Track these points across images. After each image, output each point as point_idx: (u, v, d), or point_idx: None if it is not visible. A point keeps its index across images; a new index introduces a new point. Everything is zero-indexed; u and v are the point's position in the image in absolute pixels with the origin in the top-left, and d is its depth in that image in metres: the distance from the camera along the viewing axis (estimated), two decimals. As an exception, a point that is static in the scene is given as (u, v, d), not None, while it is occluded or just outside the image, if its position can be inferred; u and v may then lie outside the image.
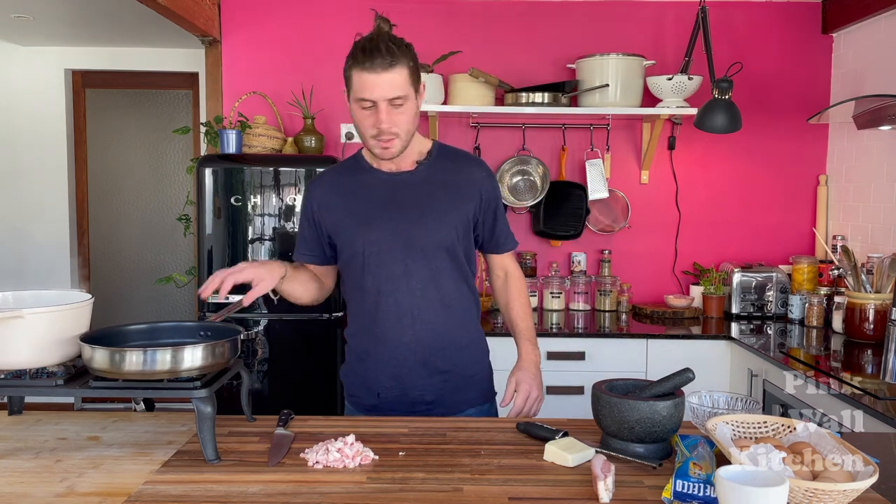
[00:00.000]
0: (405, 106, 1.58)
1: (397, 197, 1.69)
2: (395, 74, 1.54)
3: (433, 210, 1.68)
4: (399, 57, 1.54)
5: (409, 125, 1.62)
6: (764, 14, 3.45)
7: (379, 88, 1.54)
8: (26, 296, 1.43)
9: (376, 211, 1.68)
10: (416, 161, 1.72)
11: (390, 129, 1.58)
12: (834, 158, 3.44)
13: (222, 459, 1.31)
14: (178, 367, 1.27)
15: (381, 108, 1.56)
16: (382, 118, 1.56)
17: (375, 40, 1.55)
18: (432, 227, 1.67)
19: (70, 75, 4.55)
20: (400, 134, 1.61)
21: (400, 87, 1.55)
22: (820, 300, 2.98)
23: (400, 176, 1.71)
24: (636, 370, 2.91)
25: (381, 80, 1.53)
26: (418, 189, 1.69)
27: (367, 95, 1.55)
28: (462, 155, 1.80)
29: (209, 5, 3.33)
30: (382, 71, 1.53)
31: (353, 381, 1.77)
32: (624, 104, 3.20)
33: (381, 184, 1.71)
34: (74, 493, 1.18)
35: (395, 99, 1.56)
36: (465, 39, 3.41)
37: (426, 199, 1.69)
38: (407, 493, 1.18)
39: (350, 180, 1.74)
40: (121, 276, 4.80)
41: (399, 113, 1.58)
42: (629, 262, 3.53)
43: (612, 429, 1.33)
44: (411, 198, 1.69)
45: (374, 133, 1.59)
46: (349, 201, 1.71)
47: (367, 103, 1.56)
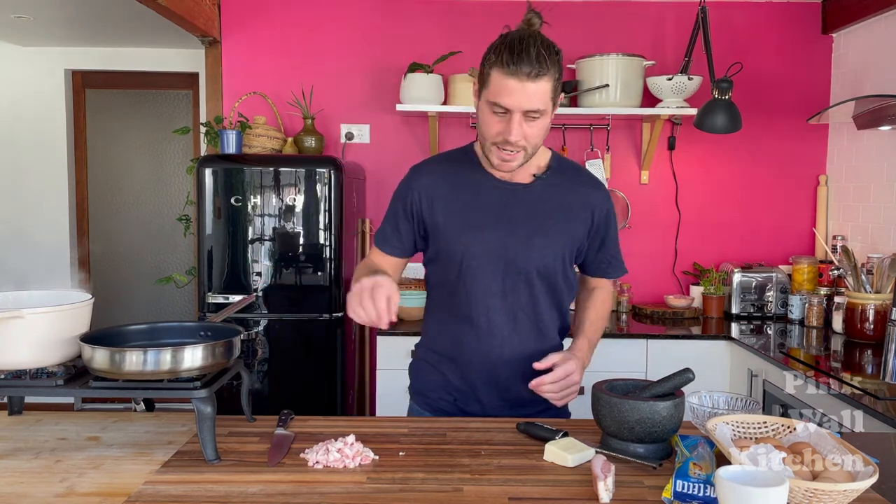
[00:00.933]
0: (540, 120, 1.44)
1: (509, 210, 1.56)
2: (540, 86, 1.39)
3: (544, 231, 1.56)
4: (548, 67, 1.39)
5: (538, 140, 1.48)
6: (764, 14, 3.45)
7: (518, 98, 1.40)
8: (26, 296, 1.43)
9: (485, 220, 1.55)
10: (532, 174, 1.58)
11: (518, 142, 1.44)
12: (834, 158, 3.44)
13: (222, 459, 1.31)
14: (178, 367, 1.27)
15: (515, 118, 1.42)
16: (514, 129, 1.42)
17: (527, 42, 1.39)
18: (539, 249, 1.56)
19: (70, 75, 4.55)
20: (527, 148, 1.47)
21: (540, 101, 1.41)
22: (820, 300, 2.98)
23: (514, 187, 1.57)
24: (636, 370, 2.91)
25: (524, 89, 1.39)
26: (532, 206, 1.57)
27: (503, 102, 1.41)
28: (581, 172, 1.67)
29: (209, 5, 3.33)
30: (527, 80, 1.38)
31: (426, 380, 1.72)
32: (624, 104, 3.20)
33: (494, 191, 1.57)
34: (74, 494, 1.18)
35: (532, 112, 1.42)
36: (465, 39, 3.41)
37: (539, 218, 1.57)
38: (407, 493, 1.18)
39: (462, 176, 1.59)
40: (121, 276, 4.79)
41: (532, 126, 1.44)
42: (629, 262, 3.45)
43: (612, 429, 1.33)
44: (523, 214, 1.56)
45: (499, 141, 1.46)
46: (457, 200, 1.57)
47: (500, 109, 1.42)
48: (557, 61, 1.43)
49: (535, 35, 1.42)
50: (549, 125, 1.49)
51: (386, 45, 3.46)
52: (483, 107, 1.47)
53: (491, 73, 1.42)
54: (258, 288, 3.00)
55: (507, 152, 1.47)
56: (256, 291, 3.00)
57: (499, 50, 1.41)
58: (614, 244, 1.69)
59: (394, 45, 3.45)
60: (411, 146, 3.49)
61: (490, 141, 1.48)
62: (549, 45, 1.42)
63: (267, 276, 3.01)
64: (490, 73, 1.42)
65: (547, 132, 1.50)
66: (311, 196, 2.98)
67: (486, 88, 1.44)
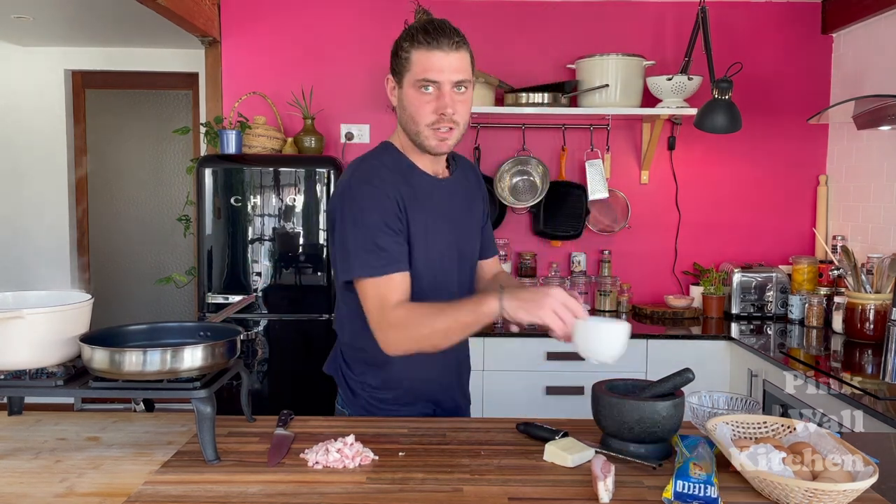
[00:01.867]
0: (466, 94, 1.48)
1: (447, 204, 1.59)
2: (462, 56, 1.46)
3: (471, 217, 1.67)
4: (465, 40, 1.47)
5: (467, 115, 1.51)
6: (764, 14, 3.45)
7: (446, 69, 1.43)
8: (26, 296, 1.43)
9: (439, 220, 1.56)
10: (446, 167, 1.63)
11: (452, 116, 1.47)
12: (834, 158, 3.44)
13: (222, 460, 1.31)
14: (178, 367, 1.27)
15: (446, 91, 1.45)
16: (447, 101, 1.45)
17: (436, 22, 1.47)
18: (473, 237, 1.66)
19: (70, 75, 4.55)
20: (459, 124, 1.49)
21: (465, 71, 1.46)
22: (820, 300, 2.98)
23: (444, 182, 1.60)
24: (636, 370, 2.91)
25: (450, 59, 1.44)
26: (458, 197, 1.63)
27: (432, 76, 1.44)
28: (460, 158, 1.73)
29: (209, 5, 3.33)
30: (451, 50, 1.44)
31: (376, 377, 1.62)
32: (624, 104, 3.20)
33: (435, 189, 1.57)
34: (74, 494, 1.18)
35: (460, 83, 1.46)
36: (464, 39, 3.40)
37: (464, 207, 1.64)
38: (407, 494, 1.18)
39: (409, 179, 1.53)
40: (121, 276, 4.79)
41: (461, 101, 1.47)
42: (629, 263, 3.52)
43: (612, 429, 1.33)
44: (458, 206, 1.62)
45: (433, 121, 1.46)
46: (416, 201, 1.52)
47: (430, 86, 1.45)
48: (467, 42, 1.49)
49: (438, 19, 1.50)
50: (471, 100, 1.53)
51: (386, 45, 3.40)
52: (409, 94, 1.48)
53: (411, 55, 1.46)
54: (258, 288, 3.00)
55: (442, 131, 1.48)
56: (256, 291, 3.00)
57: (412, 35, 1.47)
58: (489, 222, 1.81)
59: (394, 45, 3.44)
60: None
61: (424, 124, 1.48)
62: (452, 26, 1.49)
63: (267, 276, 3.01)
64: (410, 57, 1.46)
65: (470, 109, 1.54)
66: (310, 196, 2.98)
67: (410, 72, 1.47)
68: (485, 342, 2.92)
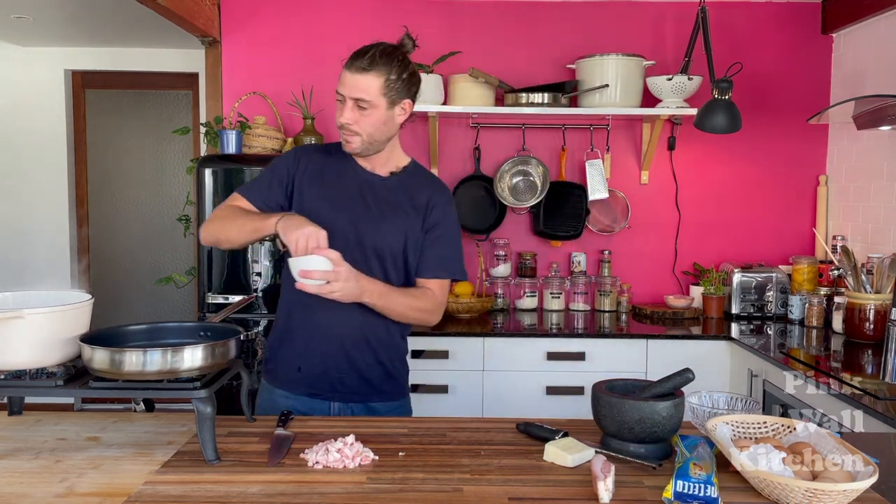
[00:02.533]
0: (369, 111, 1.68)
1: (366, 195, 1.78)
2: (366, 79, 1.66)
3: (390, 218, 1.76)
4: (379, 66, 1.66)
5: (371, 129, 1.70)
6: (764, 14, 3.45)
7: (349, 87, 1.67)
8: (27, 296, 1.43)
9: (342, 200, 1.76)
10: (391, 171, 1.81)
11: (350, 126, 1.69)
12: (834, 158, 3.44)
13: (222, 460, 1.31)
14: (178, 367, 1.27)
15: (347, 104, 1.68)
16: (345, 112, 1.69)
17: (370, 47, 1.69)
18: (383, 232, 1.74)
19: (70, 76, 4.55)
20: (361, 134, 1.70)
21: (366, 92, 1.66)
22: (820, 300, 2.98)
23: (373, 178, 1.80)
24: (636, 370, 2.91)
25: (352, 79, 1.67)
26: (384, 196, 1.78)
27: (339, 90, 1.70)
28: (432, 179, 1.88)
29: (209, 5, 3.33)
30: (356, 72, 1.66)
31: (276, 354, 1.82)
32: (624, 104, 3.20)
33: (357, 178, 1.79)
34: (74, 494, 1.18)
35: (359, 100, 1.67)
36: (465, 39, 3.41)
37: (387, 206, 1.77)
38: (407, 494, 1.18)
39: (334, 163, 1.81)
40: (121, 276, 4.79)
41: (362, 115, 1.68)
42: (629, 263, 3.52)
43: (612, 429, 1.33)
44: (377, 200, 1.77)
45: (339, 125, 1.72)
46: (327, 182, 1.79)
47: (339, 97, 1.70)
48: (396, 66, 1.68)
49: (384, 45, 1.70)
50: (386, 121, 1.71)
51: (386, 45, 3.45)
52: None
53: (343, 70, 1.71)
54: (258, 288, 3.00)
55: (345, 133, 1.71)
56: (256, 291, 3.00)
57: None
58: (450, 244, 1.82)
59: (394, 45, 3.45)
60: (411, 146, 3.49)
61: (338, 125, 1.73)
62: (390, 53, 1.68)
63: (267, 276, 3.01)
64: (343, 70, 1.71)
65: (387, 127, 1.73)
66: (311, 196, 2.98)
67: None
68: (485, 342, 2.92)
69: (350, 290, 1.59)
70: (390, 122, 1.73)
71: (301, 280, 1.54)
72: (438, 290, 1.80)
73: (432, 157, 3.42)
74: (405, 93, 1.72)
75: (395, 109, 1.72)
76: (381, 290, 1.69)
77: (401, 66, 1.69)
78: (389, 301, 1.70)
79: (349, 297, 1.60)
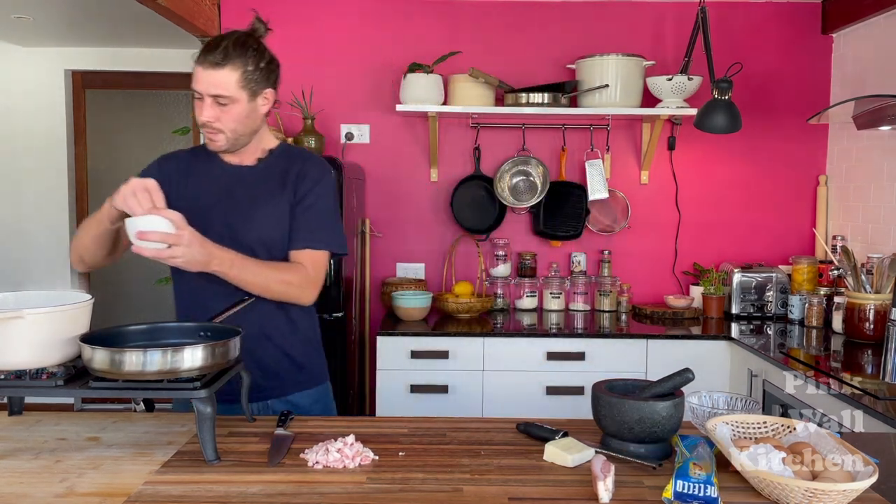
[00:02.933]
0: (230, 107, 1.62)
1: (233, 189, 1.72)
2: (223, 74, 1.60)
3: (263, 205, 1.70)
4: (234, 59, 1.60)
5: (235, 125, 1.65)
6: (764, 14, 3.45)
7: (204, 84, 1.61)
8: (27, 296, 1.43)
9: (211, 199, 1.70)
10: (258, 158, 1.76)
11: (212, 124, 1.64)
12: (834, 158, 3.44)
13: (222, 460, 1.31)
14: (178, 367, 1.27)
15: (206, 102, 1.62)
16: (203, 111, 1.63)
17: (220, 38, 1.63)
18: (258, 221, 1.68)
19: (70, 76, 4.55)
20: (224, 131, 1.65)
21: (224, 88, 1.60)
22: (820, 300, 2.98)
23: (240, 169, 1.75)
24: (636, 370, 2.91)
25: (207, 75, 1.61)
26: (254, 184, 1.73)
27: (195, 87, 1.63)
28: (303, 154, 1.81)
29: (209, 6, 3.33)
30: (210, 68, 1.60)
31: None
32: (624, 104, 3.20)
33: (223, 174, 1.74)
34: (74, 494, 1.18)
35: (218, 97, 1.61)
36: (465, 39, 3.41)
37: (259, 194, 1.71)
38: (407, 494, 1.18)
39: (198, 165, 1.76)
40: (121, 276, 4.79)
41: (224, 111, 1.63)
42: (629, 263, 3.52)
43: (612, 429, 1.33)
44: (246, 192, 1.72)
45: (200, 123, 1.66)
46: (191, 184, 1.73)
47: (197, 94, 1.64)
48: (252, 56, 1.62)
49: (236, 34, 1.64)
50: (249, 114, 1.66)
51: (386, 46, 3.46)
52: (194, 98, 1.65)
53: (194, 65, 1.64)
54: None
55: (209, 133, 1.66)
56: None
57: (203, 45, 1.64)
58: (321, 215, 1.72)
59: (394, 45, 3.45)
60: (411, 146, 3.49)
61: (199, 124, 1.67)
62: (243, 43, 1.63)
63: (267, 276, 3.00)
64: (194, 66, 1.64)
65: (251, 120, 1.67)
66: (310, 196, 2.98)
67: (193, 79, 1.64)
68: (485, 342, 2.92)
69: (194, 256, 1.47)
70: (253, 114, 1.67)
71: (138, 243, 1.42)
72: (309, 263, 1.68)
73: (432, 157, 3.42)
74: (265, 82, 1.66)
75: (258, 100, 1.67)
76: (233, 258, 1.56)
77: (257, 54, 1.64)
78: (244, 272, 1.57)
79: (194, 264, 1.49)
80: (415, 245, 3.54)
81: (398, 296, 3.15)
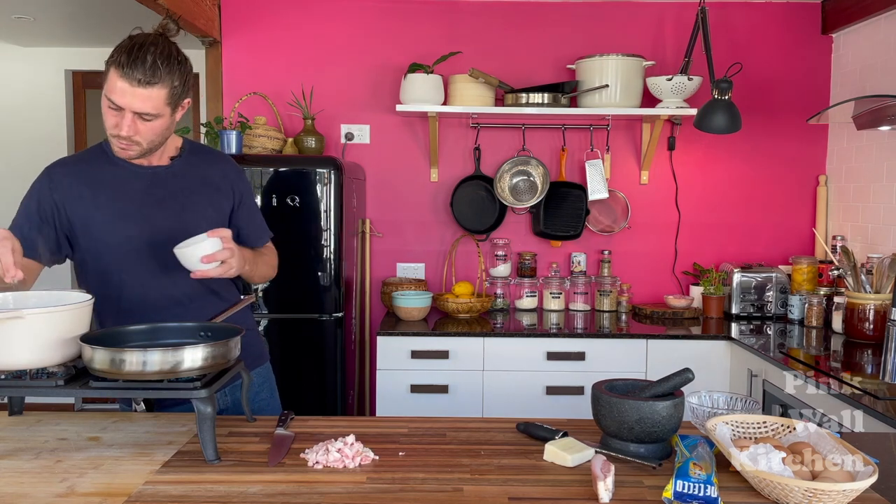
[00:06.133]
0: (154, 122, 1.55)
1: (153, 193, 1.66)
2: (151, 92, 1.50)
3: (192, 206, 1.68)
4: (163, 77, 1.50)
5: (154, 137, 1.59)
6: (764, 14, 3.45)
7: (130, 100, 1.50)
8: (26, 296, 1.43)
9: (132, 208, 1.63)
10: (170, 157, 1.70)
11: (131, 138, 1.55)
12: (834, 158, 3.44)
13: (222, 459, 1.31)
14: (178, 367, 1.27)
15: (127, 116, 1.52)
16: (124, 126, 1.53)
17: (146, 49, 1.49)
18: (191, 224, 1.63)
19: (70, 76, 4.55)
20: (142, 143, 1.58)
21: (151, 106, 1.52)
22: (820, 300, 2.98)
23: (155, 170, 1.68)
24: (636, 370, 2.91)
25: (135, 93, 1.49)
26: (175, 185, 1.68)
27: (116, 100, 1.51)
28: (213, 151, 1.85)
29: (209, 6, 3.33)
30: (138, 86, 1.49)
31: None
32: (624, 105, 3.20)
33: (136, 178, 1.65)
34: (75, 494, 1.18)
35: (144, 114, 1.53)
36: (465, 39, 3.41)
37: (184, 194, 1.68)
38: (407, 493, 1.18)
39: (99, 172, 1.65)
40: (121, 276, 4.79)
41: (145, 125, 1.55)
42: (629, 263, 3.53)
43: (611, 429, 1.33)
44: (168, 194, 1.67)
45: (115, 133, 1.56)
46: (100, 195, 1.63)
47: (113, 105, 1.52)
48: (178, 70, 1.54)
49: (158, 42, 1.52)
50: (169, 125, 1.60)
51: (386, 46, 3.46)
52: (103, 99, 1.54)
53: (109, 70, 1.51)
54: (258, 288, 3.00)
55: (122, 143, 1.57)
56: (256, 291, 3.00)
57: (120, 50, 1.50)
58: (257, 211, 1.86)
59: (394, 45, 3.45)
60: (411, 146, 3.49)
61: (108, 131, 1.58)
62: (169, 55, 1.52)
63: (267, 276, 3.00)
64: (109, 70, 1.51)
65: (168, 130, 1.61)
66: (311, 196, 2.98)
67: (106, 83, 1.52)
68: (485, 342, 2.92)
69: (239, 262, 1.56)
70: (172, 124, 1.62)
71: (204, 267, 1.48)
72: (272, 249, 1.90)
73: (432, 157, 3.42)
74: (185, 92, 1.60)
75: (177, 111, 1.61)
76: (248, 254, 1.68)
77: (181, 66, 1.56)
78: (257, 264, 1.72)
79: (238, 269, 1.57)
80: (415, 245, 3.54)
81: (398, 296, 3.15)
